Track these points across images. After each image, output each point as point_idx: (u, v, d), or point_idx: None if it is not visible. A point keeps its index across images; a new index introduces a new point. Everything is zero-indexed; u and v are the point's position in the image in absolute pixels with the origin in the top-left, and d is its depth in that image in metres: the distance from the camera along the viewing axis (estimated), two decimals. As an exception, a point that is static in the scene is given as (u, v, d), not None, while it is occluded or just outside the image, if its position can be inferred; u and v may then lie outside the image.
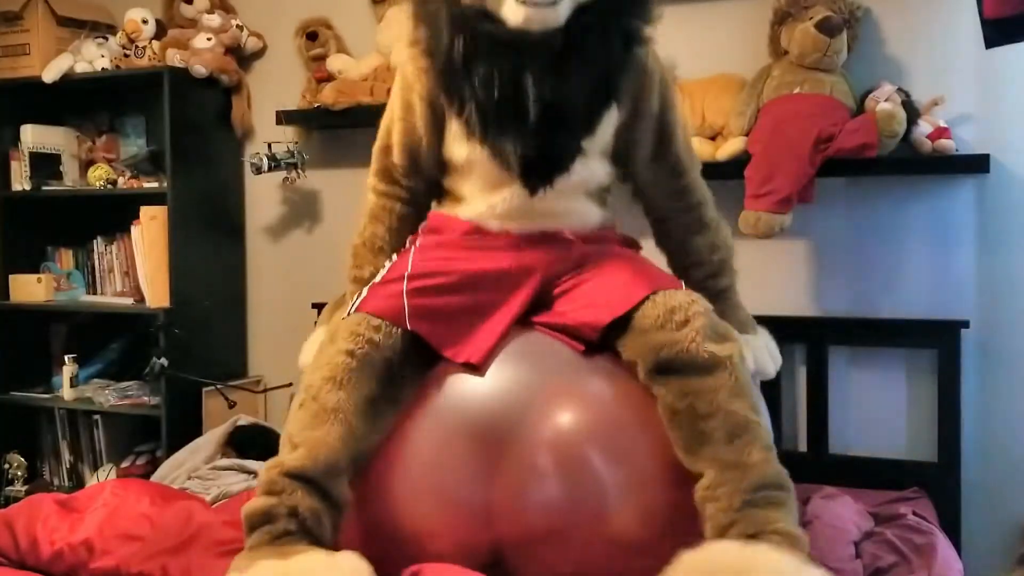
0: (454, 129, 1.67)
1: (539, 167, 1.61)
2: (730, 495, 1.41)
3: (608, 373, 1.58)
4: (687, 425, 1.46)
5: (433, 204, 1.87)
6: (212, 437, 2.70)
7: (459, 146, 1.67)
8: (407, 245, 1.80)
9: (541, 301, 1.68)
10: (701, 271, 1.81)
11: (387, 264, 1.76)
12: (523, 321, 1.66)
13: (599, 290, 1.63)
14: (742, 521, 1.39)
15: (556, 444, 1.50)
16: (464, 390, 1.57)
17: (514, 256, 1.67)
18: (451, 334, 1.61)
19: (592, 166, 1.67)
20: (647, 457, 1.51)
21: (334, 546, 1.45)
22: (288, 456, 1.48)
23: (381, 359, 1.54)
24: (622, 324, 1.56)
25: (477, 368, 1.58)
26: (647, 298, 1.55)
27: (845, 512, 2.08)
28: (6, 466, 3.28)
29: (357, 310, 1.60)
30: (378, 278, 1.70)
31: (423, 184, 1.82)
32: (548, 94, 1.54)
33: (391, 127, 1.82)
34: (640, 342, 1.53)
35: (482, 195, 1.69)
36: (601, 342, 1.60)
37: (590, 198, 1.73)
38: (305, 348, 1.87)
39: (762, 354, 1.83)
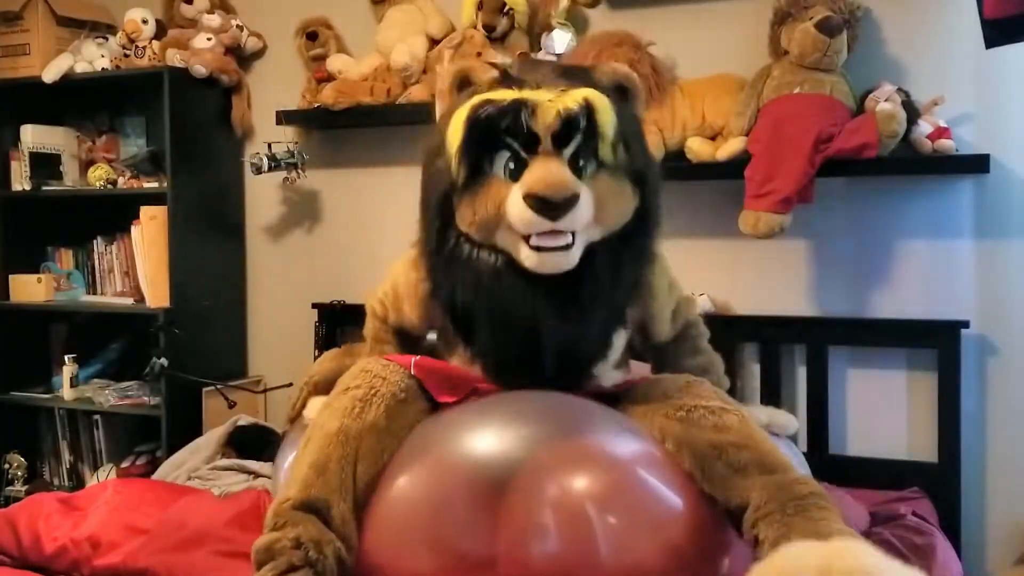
0: (458, 348, 1.72)
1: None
2: (782, 507, 1.39)
3: (613, 421, 1.58)
4: (719, 460, 1.47)
5: None
6: (212, 437, 2.70)
7: (462, 363, 1.71)
8: None
9: None
10: None
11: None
12: None
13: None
14: (800, 526, 1.36)
15: (558, 496, 1.46)
16: (464, 434, 1.54)
17: None
18: (451, 389, 1.64)
19: (603, 374, 1.72)
20: (654, 509, 1.49)
21: None
22: (292, 491, 1.48)
23: (389, 392, 1.56)
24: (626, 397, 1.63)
25: (469, 398, 1.61)
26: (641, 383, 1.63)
27: (845, 512, 2.07)
28: (6, 466, 3.28)
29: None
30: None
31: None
32: (563, 337, 1.57)
33: (395, 298, 1.86)
34: (645, 407, 1.57)
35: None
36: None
37: (612, 368, 1.76)
38: (313, 405, 1.87)
39: (776, 414, 1.88)
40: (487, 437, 1.51)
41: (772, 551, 1.30)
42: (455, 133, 1.52)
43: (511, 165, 1.52)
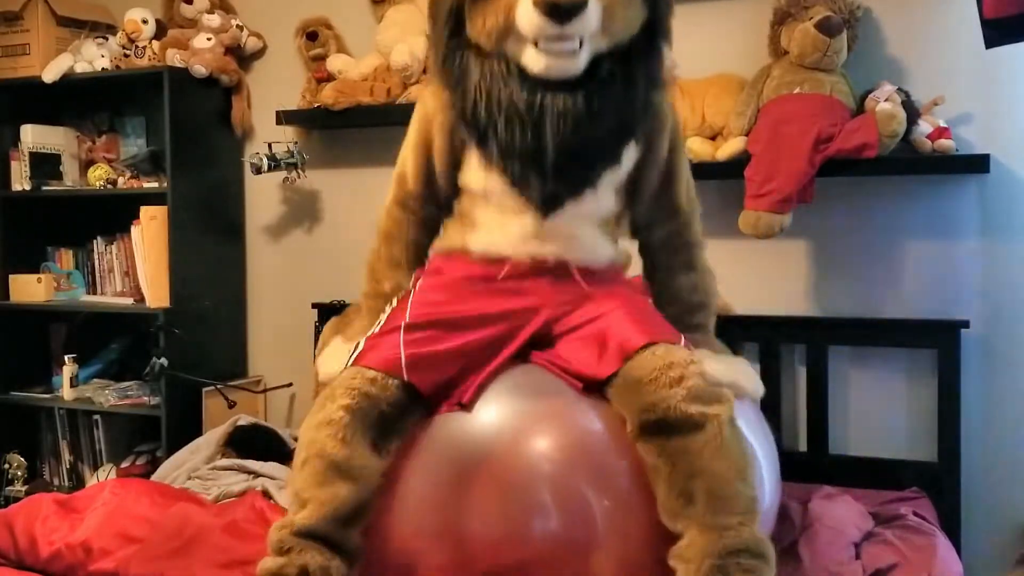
0: (473, 159, 1.69)
1: (554, 194, 1.64)
2: (700, 558, 1.41)
3: (603, 411, 1.58)
4: (669, 486, 1.47)
5: (445, 226, 1.88)
6: (212, 437, 2.70)
7: (477, 175, 1.70)
8: (410, 285, 1.82)
9: (541, 337, 1.69)
10: (677, 307, 1.81)
11: (387, 309, 1.77)
12: (522, 355, 1.67)
13: (600, 335, 1.64)
14: None
15: (549, 476, 1.51)
16: (454, 428, 1.59)
17: (516, 297, 1.69)
18: (448, 381, 1.63)
19: (602, 196, 1.69)
20: (636, 496, 1.51)
21: None
22: (297, 515, 1.50)
23: (376, 412, 1.56)
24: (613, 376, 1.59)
25: (466, 406, 1.60)
26: (646, 347, 1.57)
27: (845, 513, 2.08)
28: (6, 466, 3.28)
29: (354, 363, 1.63)
30: (376, 328, 1.71)
31: (436, 210, 1.84)
32: (569, 137, 1.58)
33: (408, 155, 1.83)
34: (630, 398, 1.54)
35: (496, 221, 1.71)
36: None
37: (600, 229, 1.74)
38: (323, 360, 1.87)
39: (748, 374, 1.83)
40: (476, 426, 1.56)
41: None
42: None
43: None
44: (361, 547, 1.52)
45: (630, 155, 1.70)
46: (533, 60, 1.56)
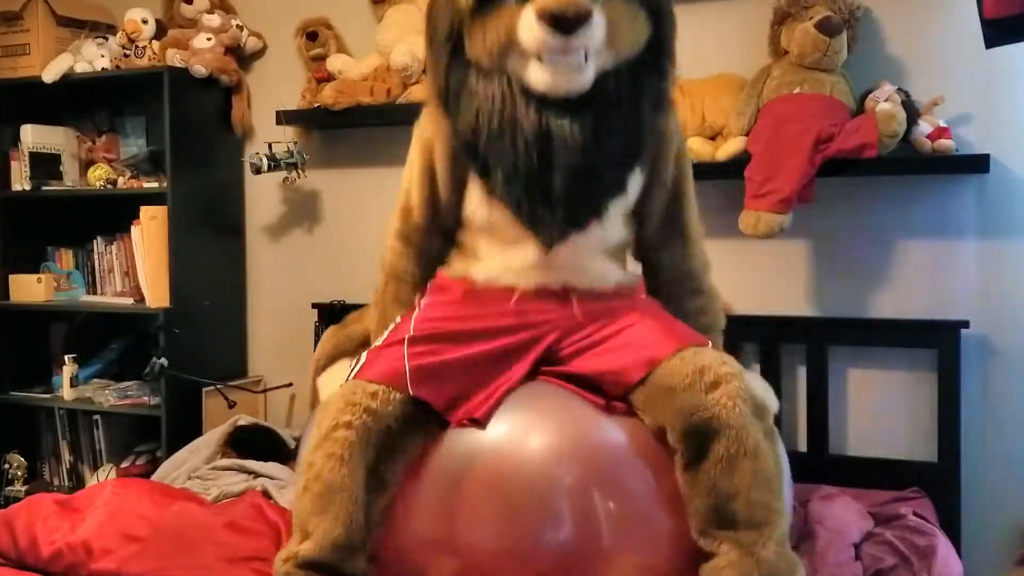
0: (475, 188, 1.65)
1: (560, 225, 1.60)
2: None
3: (621, 426, 1.56)
4: (708, 502, 1.44)
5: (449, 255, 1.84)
6: (212, 437, 2.70)
7: (480, 206, 1.65)
8: (415, 303, 1.79)
9: (550, 355, 1.66)
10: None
11: (391, 326, 1.74)
12: (531, 373, 1.64)
13: (622, 342, 1.60)
14: None
15: (569, 492, 1.48)
16: (470, 446, 1.54)
17: (524, 313, 1.65)
18: (455, 395, 1.58)
19: (609, 225, 1.65)
20: (652, 510, 1.50)
21: None
22: (300, 547, 1.47)
23: (380, 428, 1.51)
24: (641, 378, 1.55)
25: (480, 422, 1.55)
26: (675, 354, 1.53)
27: (845, 513, 2.08)
28: (6, 466, 3.28)
29: (355, 377, 1.58)
30: (379, 341, 1.69)
31: (440, 243, 1.80)
32: (576, 165, 1.53)
33: (412, 187, 1.79)
34: (667, 403, 1.50)
35: (499, 252, 1.67)
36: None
37: (608, 257, 1.72)
38: (324, 381, 1.85)
39: (767, 388, 1.81)
40: (491, 444, 1.52)
41: None
42: None
43: None
44: (368, 571, 1.49)
45: (636, 182, 1.66)
46: (537, 76, 1.51)
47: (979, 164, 2.35)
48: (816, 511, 2.07)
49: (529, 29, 1.48)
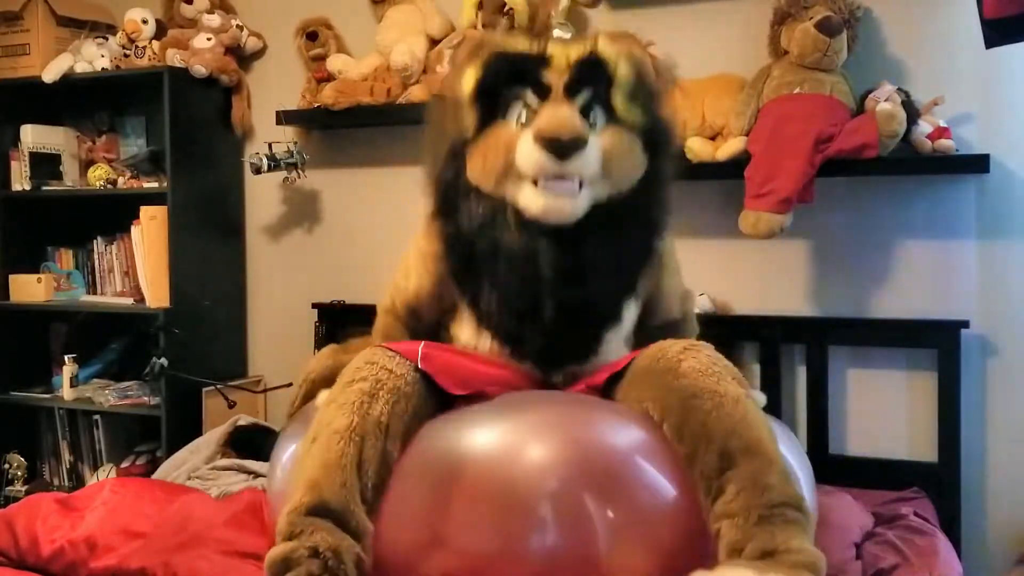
0: (465, 314, 1.68)
1: (554, 358, 1.62)
2: (747, 510, 1.37)
3: (609, 411, 1.57)
4: (706, 448, 1.43)
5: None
6: (212, 437, 2.70)
7: (468, 331, 1.69)
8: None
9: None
10: None
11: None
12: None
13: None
14: (757, 538, 1.34)
15: (555, 490, 1.46)
16: (448, 437, 1.54)
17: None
18: (462, 381, 1.60)
19: (607, 352, 1.67)
20: (645, 499, 1.49)
21: None
22: (304, 495, 1.43)
23: (393, 385, 1.52)
24: (618, 378, 1.59)
25: (487, 396, 1.57)
26: (640, 353, 1.58)
27: (846, 512, 2.08)
28: (6, 466, 3.28)
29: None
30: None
31: (434, 324, 1.84)
32: (567, 293, 1.55)
33: (411, 274, 1.82)
34: (644, 381, 1.53)
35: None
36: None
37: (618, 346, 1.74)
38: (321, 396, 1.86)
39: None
40: (485, 432, 1.51)
41: (722, 561, 1.33)
42: (468, 82, 1.53)
43: (523, 114, 1.53)
44: (369, 527, 1.45)
45: (632, 310, 1.69)
46: (531, 199, 1.53)
47: (979, 164, 2.35)
48: (816, 511, 2.06)
49: (527, 152, 1.51)
